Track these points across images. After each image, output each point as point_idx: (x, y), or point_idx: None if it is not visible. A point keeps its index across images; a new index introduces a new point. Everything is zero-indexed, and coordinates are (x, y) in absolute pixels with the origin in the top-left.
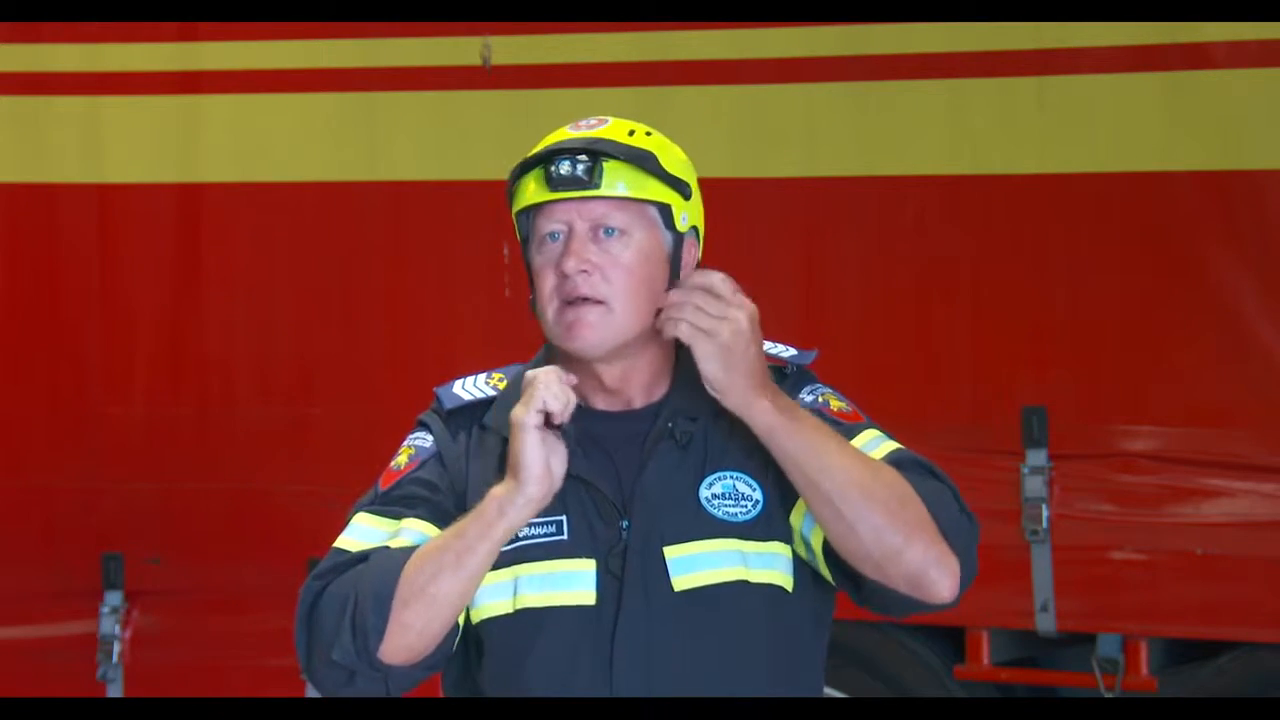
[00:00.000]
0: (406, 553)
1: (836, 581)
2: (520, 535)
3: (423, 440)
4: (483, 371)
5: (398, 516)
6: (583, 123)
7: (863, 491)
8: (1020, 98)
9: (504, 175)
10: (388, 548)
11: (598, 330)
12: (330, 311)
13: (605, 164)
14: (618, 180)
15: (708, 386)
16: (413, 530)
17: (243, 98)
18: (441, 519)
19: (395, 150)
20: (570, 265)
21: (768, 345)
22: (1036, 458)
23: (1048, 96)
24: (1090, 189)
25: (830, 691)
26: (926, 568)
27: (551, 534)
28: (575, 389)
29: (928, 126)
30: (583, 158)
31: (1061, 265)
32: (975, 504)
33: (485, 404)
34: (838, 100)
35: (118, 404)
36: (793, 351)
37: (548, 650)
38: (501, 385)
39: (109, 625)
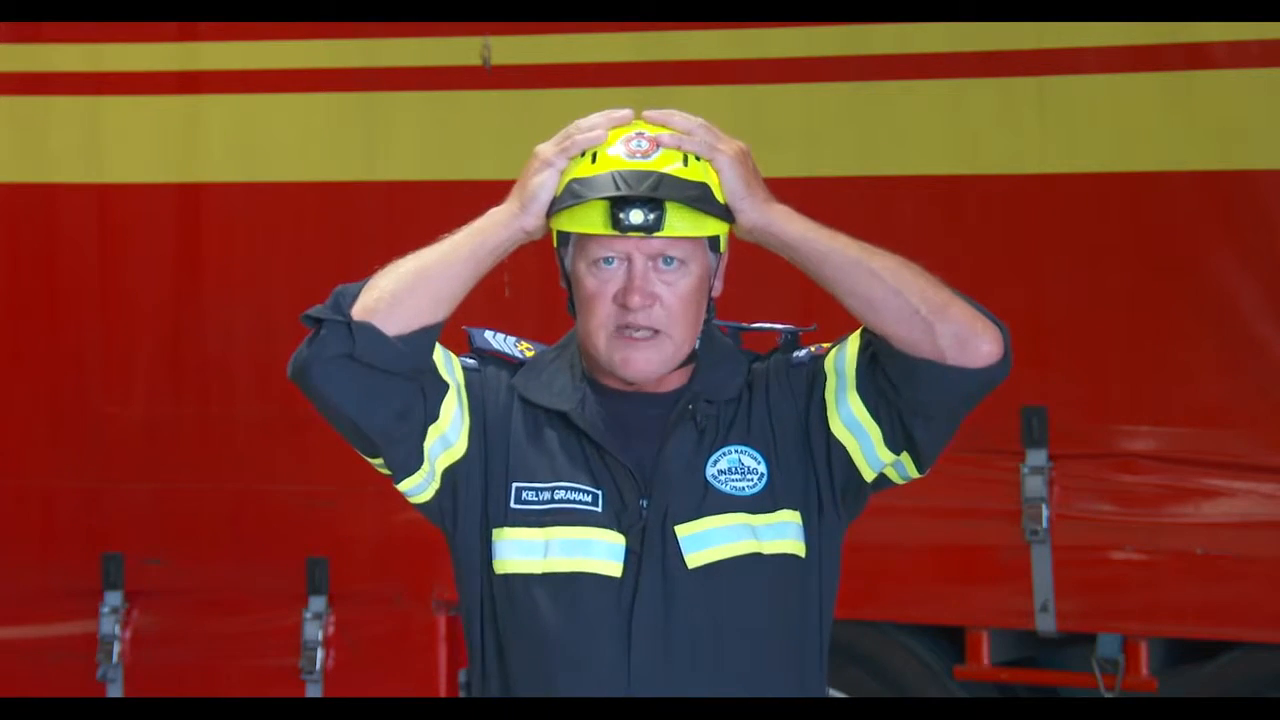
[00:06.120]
0: None
1: (878, 408)
2: (558, 497)
3: (469, 360)
4: (510, 334)
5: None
6: (634, 146)
7: (898, 262)
8: (1020, 98)
9: (504, 175)
10: None
11: (654, 362)
12: None
13: (669, 206)
14: (679, 221)
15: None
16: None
17: (243, 98)
18: (448, 398)
19: (395, 150)
20: (636, 301)
21: (762, 323)
22: (1036, 458)
23: (1048, 96)
24: (1090, 189)
25: (830, 691)
26: (973, 321)
27: (588, 503)
28: (596, 373)
29: (928, 126)
30: (650, 205)
31: (1061, 265)
32: (975, 504)
33: (514, 365)
34: (838, 100)
35: (118, 404)
36: (790, 327)
37: (572, 618)
38: (529, 354)
39: (109, 625)
